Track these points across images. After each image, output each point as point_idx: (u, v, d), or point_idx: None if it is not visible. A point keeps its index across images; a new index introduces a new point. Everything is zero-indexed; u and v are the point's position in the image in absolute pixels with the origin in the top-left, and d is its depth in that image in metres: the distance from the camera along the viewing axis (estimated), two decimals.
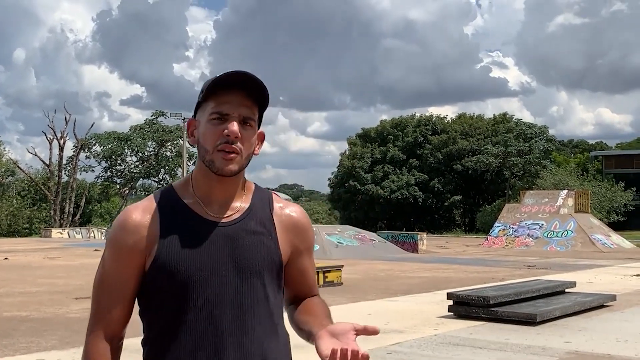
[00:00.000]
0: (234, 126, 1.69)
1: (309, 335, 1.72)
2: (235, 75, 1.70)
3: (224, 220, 1.75)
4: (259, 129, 1.79)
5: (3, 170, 58.31)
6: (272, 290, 1.78)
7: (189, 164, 59.45)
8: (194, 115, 1.79)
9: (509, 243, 33.04)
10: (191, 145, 1.84)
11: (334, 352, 1.52)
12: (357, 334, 1.59)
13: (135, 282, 1.74)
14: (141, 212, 1.75)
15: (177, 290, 1.70)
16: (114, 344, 1.75)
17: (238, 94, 1.71)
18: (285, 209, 1.86)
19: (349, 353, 1.51)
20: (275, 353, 1.76)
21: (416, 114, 67.95)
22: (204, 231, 1.73)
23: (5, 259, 23.70)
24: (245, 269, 1.73)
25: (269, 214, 1.81)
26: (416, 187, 61.37)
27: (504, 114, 64.97)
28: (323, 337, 1.59)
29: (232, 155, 1.70)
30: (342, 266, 15.57)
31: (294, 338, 1.83)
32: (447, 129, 63.64)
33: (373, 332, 1.59)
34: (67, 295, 12.71)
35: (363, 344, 6.58)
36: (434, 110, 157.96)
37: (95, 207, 65.67)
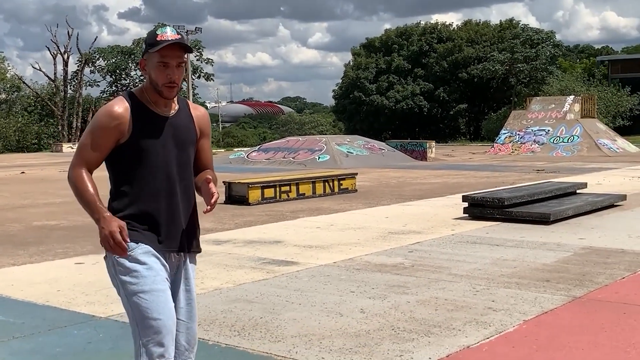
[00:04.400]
0: (174, 74, 2.83)
1: (197, 187, 3.04)
2: (172, 43, 2.78)
3: (167, 115, 2.91)
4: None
5: (8, 86, 58.08)
6: (193, 155, 3.02)
7: (194, 77, 59.09)
8: (142, 56, 2.88)
9: (515, 150, 33.30)
10: (143, 75, 2.92)
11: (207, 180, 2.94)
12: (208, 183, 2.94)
13: (109, 148, 2.85)
14: (120, 107, 2.84)
15: (144, 156, 2.85)
16: (89, 174, 2.91)
17: (174, 49, 2.81)
18: (196, 110, 3.06)
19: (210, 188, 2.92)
20: (193, 190, 3.03)
21: (421, 22, 67.02)
22: (157, 121, 2.89)
23: (22, 172, 24.08)
24: (181, 144, 2.93)
25: (188, 111, 3.01)
26: (421, 97, 61.15)
27: (511, 20, 63.97)
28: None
29: (174, 88, 2.86)
30: (357, 174, 15.89)
31: None
32: (453, 37, 62.79)
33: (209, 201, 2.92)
34: None
35: (385, 244, 7.02)
36: (439, 18, 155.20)
37: None
